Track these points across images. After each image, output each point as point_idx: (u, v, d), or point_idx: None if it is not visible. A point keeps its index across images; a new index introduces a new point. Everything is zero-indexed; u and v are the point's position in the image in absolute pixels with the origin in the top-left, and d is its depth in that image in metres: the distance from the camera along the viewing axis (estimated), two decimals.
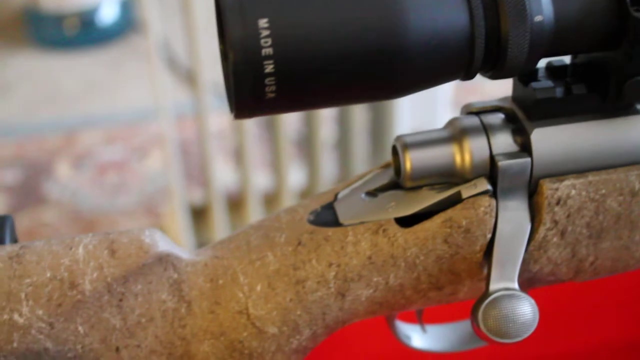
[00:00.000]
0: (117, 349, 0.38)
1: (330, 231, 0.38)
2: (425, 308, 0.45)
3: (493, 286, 0.37)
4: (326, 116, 1.47)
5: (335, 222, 0.39)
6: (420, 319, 0.45)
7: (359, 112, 1.42)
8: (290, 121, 1.48)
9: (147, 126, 2.05)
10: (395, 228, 0.38)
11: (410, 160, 0.38)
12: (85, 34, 2.50)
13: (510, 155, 0.37)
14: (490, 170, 0.38)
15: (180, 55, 1.56)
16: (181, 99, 1.61)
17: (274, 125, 1.44)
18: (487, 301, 0.37)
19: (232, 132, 1.55)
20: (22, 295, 0.36)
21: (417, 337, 0.45)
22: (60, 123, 2.08)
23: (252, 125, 1.47)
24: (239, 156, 1.48)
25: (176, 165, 1.46)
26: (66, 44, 2.49)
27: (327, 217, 0.40)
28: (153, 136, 2.00)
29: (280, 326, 0.38)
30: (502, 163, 0.37)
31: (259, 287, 0.38)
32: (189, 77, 1.46)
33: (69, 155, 1.95)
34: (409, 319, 0.45)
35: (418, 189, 0.39)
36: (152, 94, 1.44)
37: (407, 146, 0.38)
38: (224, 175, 1.59)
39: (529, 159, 0.37)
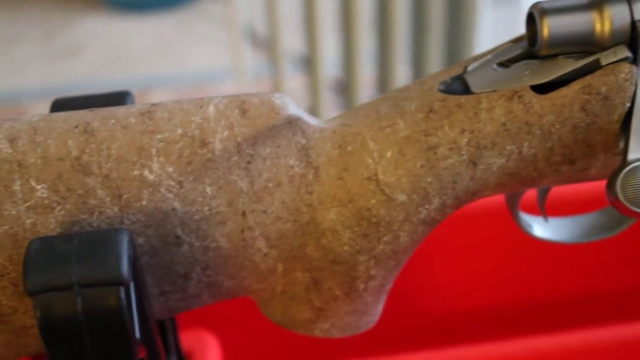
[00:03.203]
0: (244, 214, 0.38)
1: (462, 98, 0.38)
2: (547, 200, 0.44)
3: (631, 156, 0.36)
4: (401, 77, 1.46)
5: (466, 91, 0.38)
6: (543, 207, 0.44)
7: (435, 65, 1.41)
8: (364, 84, 1.48)
9: (216, 87, 2.06)
10: (530, 94, 0.37)
11: (548, 27, 0.37)
12: None
13: None
14: (631, 38, 0.36)
15: (259, 23, 1.57)
16: (254, 62, 1.62)
17: (348, 89, 1.44)
18: (625, 170, 0.36)
19: (306, 94, 1.55)
20: (153, 151, 0.36)
21: (539, 226, 0.44)
22: (130, 82, 2.10)
23: (326, 89, 1.48)
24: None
25: None
26: (137, 7, 2.51)
27: (457, 87, 0.39)
28: None
29: (410, 194, 0.38)
30: None
31: (389, 154, 0.38)
32: (267, 44, 1.47)
33: None
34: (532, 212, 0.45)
35: (553, 57, 0.38)
36: (229, 58, 1.45)
37: (545, 12, 0.37)
38: None
39: None
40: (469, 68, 0.39)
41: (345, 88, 1.46)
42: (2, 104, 2.07)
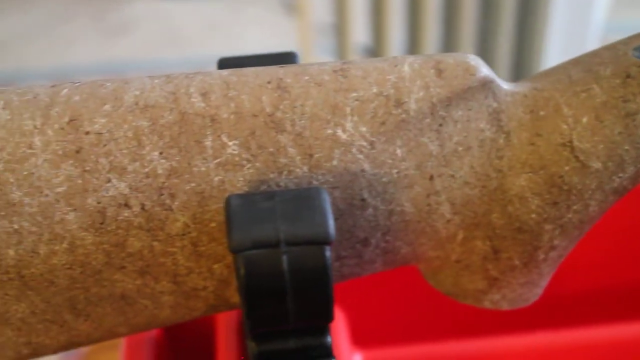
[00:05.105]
0: (431, 177, 0.37)
1: None
2: None
3: None
4: None
5: None
6: None
7: (503, 53, 1.39)
8: None
9: None
10: None
11: None
12: None
13: None
14: None
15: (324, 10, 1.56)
16: (319, 48, 1.62)
17: None
18: None
19: None
20: (348, 109, 0.35)
21: None
22: (181, 63, 2.10)
23: None
24: None
25: None
26: None
27: None
28: None
29: (605, 161, 0.36)
30: None
31: (584, 119, 0.36)
32: (334, 31, 1.47)
33: None
34: None
35: None
36: (282, 40, 1.44)
37: None
38: None
39: None
40: None
41: None
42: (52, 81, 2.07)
